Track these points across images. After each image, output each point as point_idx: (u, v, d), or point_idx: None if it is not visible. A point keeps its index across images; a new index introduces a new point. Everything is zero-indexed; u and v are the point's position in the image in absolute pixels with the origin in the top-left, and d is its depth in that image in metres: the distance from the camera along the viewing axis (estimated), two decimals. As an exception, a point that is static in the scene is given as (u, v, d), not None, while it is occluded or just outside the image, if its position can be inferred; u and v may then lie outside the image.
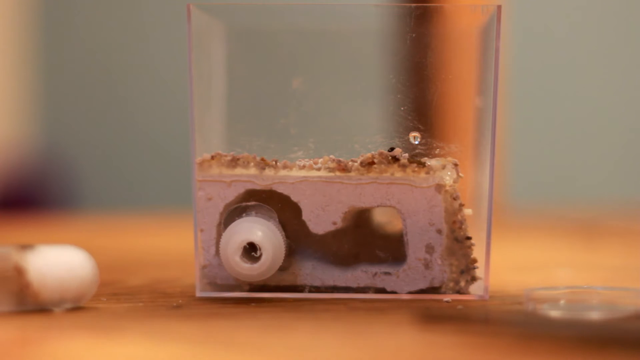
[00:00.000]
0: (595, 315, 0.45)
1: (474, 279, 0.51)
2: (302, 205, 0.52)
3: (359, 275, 0.52)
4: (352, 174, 0.51)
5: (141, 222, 1.14)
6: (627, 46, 1.61)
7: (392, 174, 0.51)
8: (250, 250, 0.50)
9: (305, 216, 0.52)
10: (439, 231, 0.51)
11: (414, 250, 0.51)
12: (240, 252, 0.49)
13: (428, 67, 0.51)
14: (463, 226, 0.51)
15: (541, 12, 1.60)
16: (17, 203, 1.61)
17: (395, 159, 0.51)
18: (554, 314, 0.46)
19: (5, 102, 1.77)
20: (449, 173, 0.51)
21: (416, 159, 0.51)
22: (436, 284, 0.52)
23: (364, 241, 0.52)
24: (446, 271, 0.51)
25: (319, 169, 0.52)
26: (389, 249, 0.52)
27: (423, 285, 0.52)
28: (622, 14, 1.61)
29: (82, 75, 1.76)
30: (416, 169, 0.51)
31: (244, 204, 0.52)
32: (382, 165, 0.51)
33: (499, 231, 0.64)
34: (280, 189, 0.52)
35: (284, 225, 0.52)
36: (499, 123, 0.52)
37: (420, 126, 0.52)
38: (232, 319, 0.47)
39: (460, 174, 0.51)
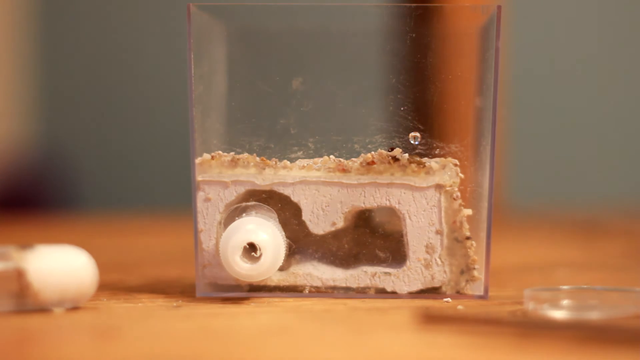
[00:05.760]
0: (595, 315, 0.45)
1: (473, 279, 0.51)
2: (302, 205, 0.52)
3: (359, 275, 0.52)
4: (352, 174, 0.52)
5: (141, 222, 1.14)
6: (628, 46, 1.61)
7: (392, 174, 0.51)
8: (250, 250, 0.50)
9: (305, 216, 0.52)
10: (439, 231, 0.51)
11: (414, 250, 0.51)
12: (240, 252, 0.49)
13: (428, 67, 0.51)
14: (463, 226, 0.51)
15: (541, 12, 1.60)
16: (17, 203, 1.61)
17: (395, 159, 0.51)
18: (554, 314, 0.46)
19: (5, 102, 1.77)
20: (449, 173, 0.51)
21: (416, 159, 0.51)
22: (436, 284, 0.52)
23: (364, 241, 0.52)
24: (446, 271, 0.51)
25: (319, 169, 0.52)
26: (389, 249, 0.52)
27: (423, 285, 0.52)
28: (622, 14, 1.61)
29: (82, 75, 1.76)
30: (416, 169, 0.51)
31: (244, 204, 0.52)
32: (382, 165, 0.51)
33: (499, 231, 0.64)
34: (280, 189, 0.52)
35: (284, 225, 0.52)
36: (499, 123, 0.52)
37: (420, 126, 0.52)
38: (232, 319, 0.47)
39: (460, 174, 0.51)
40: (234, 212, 0.52)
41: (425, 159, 0.51)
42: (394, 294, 0.52)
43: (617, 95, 1.61)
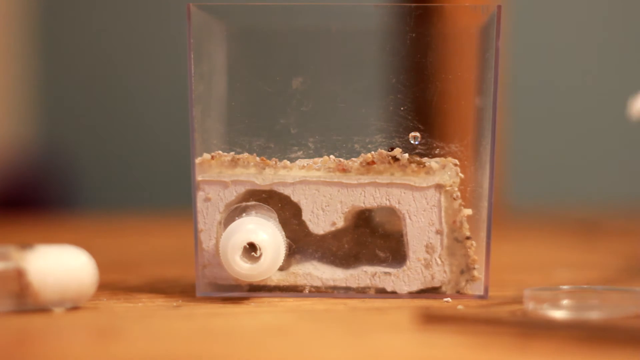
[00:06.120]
0: (595, 315, 0.45)
1: (473, 278, 0.51)
2: (302, 205, 0.52)
3: (359, 275, 0.52)
4: (352, 174, 0.52)
5: (141, 222, 1.14)
6: (628, 46, 1.61)
7: (392, 174, 0.51)
8: (250, 250, 0.50)
9: (305, 216, 0.52)
10: (439, 231, 0.51)
11: (414, 250, 0.51)
12: (240, 252, 0.49)
13: (428, 67, 0.51)
14: (463, 226, 0.51)
15: (541, 12, 1.60)
16: (17, 203, 1.61)
17: (395, 159, 0.51)
18: (554, 314, 0.46)
19: (5, 102, 1.77)
20: (449, 173, 0.51)
21: (416, 158, 0.51)
22: (436, 284, 0.52)
23: (364, 241, 0.52)
24: (446, 271, 0.51)
25: (319, 169, 0.52)
26: (389, 249, 0.52)
27: (423, 285, 0.52)
28: (622, 13, 1.61)
29: (82, 75, 1.76)
30: (416, 169, 0.51)
31: (244, 203, 0.52)
32: (382, 165, 0.51)
33: (499, 231, 0.64)
34: (280, 189, 0.52)
35: (284, 225, 0.52)
36: (499, 123, 0.52)
37: (420, 126, 0.52)
38: (232, 319, 0.47)
39: (460, 174, 0.51)
40: (234, 212, 0.52)
41: (425, 159, 0.51)
42: (394, 294, 0.52)
43: (618, 95, 1.61)
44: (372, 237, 0.52)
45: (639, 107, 0.52)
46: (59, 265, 0.47)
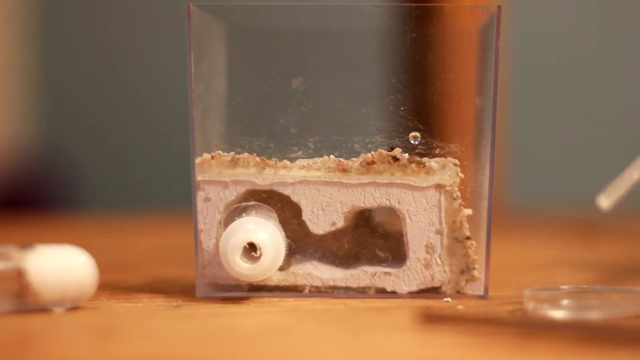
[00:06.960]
0: (595, 315, 0.45)
1: (473, 278, 0.51)
2: (302, 205, 0.52)
3: (359, 275, 0.52)
4: (352, 173, 0.52)
5: (141, 222, 1.14)
6: (628, 46, 1.61)
7: (392, 174, 0.51)
8: (250, 250, 0.50)
9: (305, 216, 0.52)
10: (439, 231, 0.51)
11: (414, 250, 0.51)
12: (240, 251, 0.49)
13: (428, 67, 0.51)
14: (463, 226, 0.51)
15: (541, 12, 1.60)
16: (17, 203, 1.61)
17: (395, 159, 0.51)
18: (554, 314, 0.46)
19: (5, 102, 1.77)
20: (449, 173, 0.51)
21: (416, 158, 0.51)
22: (436, 284, 0.52)
23: (364, 241, 0.52)
24: (446, 271, 0.51)
25: (319, 169, 0.52)
26: (389, 249, 0.52)
27: (423, 285, 0.52)
28: (622, 13, 1.61)
29: (82, 75, 1.76)
30: (416, 169, 0.51)
31: (244, 203, 0.52)
32: (382, 165, 0.51)
33: (499, 231, 0.64)
34: (280, 189, 0.52)
35: (284, 225, 0.52)
36: (499, 123, 0.52)
37: (420, 126, 0.52)
38: (232, 319, 0.47)
39: (460, 174, 0.51)
40: (234, 212, 0.52)
41: (425, 159, 0.51)
42: (394, 294, 0.52)
43: (617, 96, 1.61)
44: (372, 237, 0.52)
45: (606, 203, 0.52)
46: (59, 265, 0.47)
